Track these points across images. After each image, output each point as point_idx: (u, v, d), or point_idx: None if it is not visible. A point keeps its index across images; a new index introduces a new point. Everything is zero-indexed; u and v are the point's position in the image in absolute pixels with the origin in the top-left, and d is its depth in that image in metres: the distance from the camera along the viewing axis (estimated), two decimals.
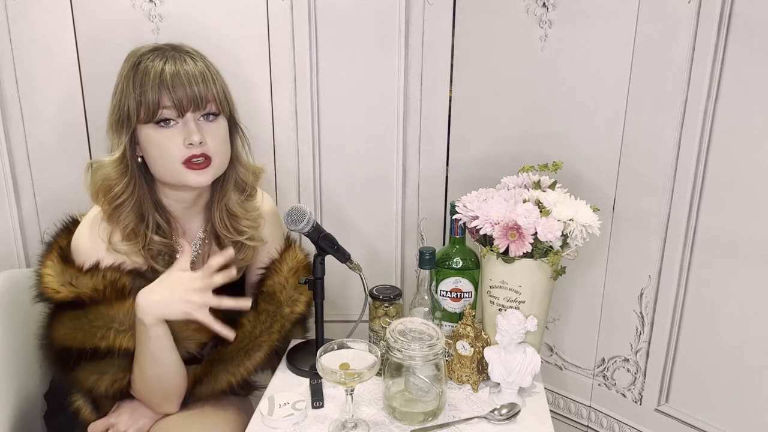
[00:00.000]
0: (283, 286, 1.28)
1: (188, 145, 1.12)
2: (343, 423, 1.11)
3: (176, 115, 1.11)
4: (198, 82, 1.11)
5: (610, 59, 1.29)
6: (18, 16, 1.38)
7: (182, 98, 1.10)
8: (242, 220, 1.25)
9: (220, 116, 1.17)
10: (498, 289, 1.22)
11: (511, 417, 1.13)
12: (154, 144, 1.12)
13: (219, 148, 1.16)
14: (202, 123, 1.14)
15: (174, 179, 1.15)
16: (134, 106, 1.10)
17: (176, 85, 1.10)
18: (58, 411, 1.26)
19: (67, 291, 1.12)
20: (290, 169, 1.56)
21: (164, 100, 1.10)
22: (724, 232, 1.21)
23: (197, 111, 1.13)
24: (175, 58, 1.12)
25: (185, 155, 1.12)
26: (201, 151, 1.13)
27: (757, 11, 1.10)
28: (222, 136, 1.17)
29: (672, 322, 1.31)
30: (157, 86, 1.09)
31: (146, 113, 1.10)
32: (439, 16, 1.48)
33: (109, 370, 1.15)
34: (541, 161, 1.27)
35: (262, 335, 1.25)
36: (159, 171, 1.15)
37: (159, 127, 1.12)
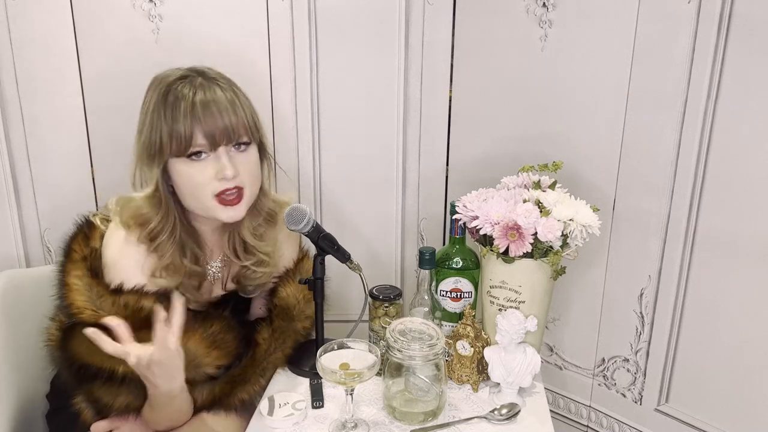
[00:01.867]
0: (297, 300, 1.28)
1: (221, 179, 1.09)
2: (343, 423, 1.11)
3: (209, 149, 1.09)
4: (230, 113, 1.09)
5: (610, 59, 1.29)
6: (18, 16, 1.38)
7: (214, 132, 1.07)
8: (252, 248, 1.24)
9: (251, 145, 1.14)
10: (498, 289, 1.22)
11: (511, 417, 1.13)
12: (185, 178, 1.10)
13: (251, 179, 1.14)
14: (233, 154, 1.11)
15: (205, 213, 1.13)
16: (166, 139, 1.07)
17: (207, 116, 1.07)
18: (59, 411, 1.26)
19: (88, 315, 1.10)
20: (290, 169, 1.56)
21: (197, 136, 1.07)
22: (724, 232, 1.21)
23: (229, 143, 1.10)
24: (204, 87, 1.09)
25: (217, 189, 1.10)
26: (234, 185, 1.11)
27: (757, 11, 1.10)
28: (253, 167, 1.15)
29: (672, 322, 1.31)
30: (190, 120, 1.06)
31: (178, 147, 1.07)
32: (439, 16, 1.48)
33: (123, 393, 1.13)
34: (541, 161, 1.27)
35: (276, 352, 1.25)
36: (190, 204, 1.13)
37: (191, 160, 1.09)
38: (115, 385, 1.12)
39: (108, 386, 1.12)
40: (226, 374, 1.21)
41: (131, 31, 1.41)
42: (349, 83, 1.52)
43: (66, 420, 1.23)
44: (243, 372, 1.22)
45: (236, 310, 1.27)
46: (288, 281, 1.30)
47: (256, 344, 1.24)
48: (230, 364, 1.21)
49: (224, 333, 1.18)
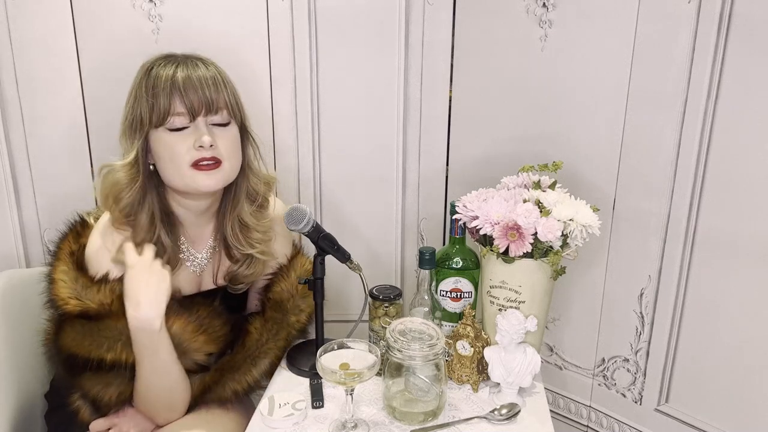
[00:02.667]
0: (291, 294, 1.28)
1: (198, 147, 1.12)
2: (343, 423, 1.11)
3: (188, 120, 1.12)
4: (209, 87, 1.12)
5: (610, 59, 1.29)
6: (18, 16, 1.38)
7: (194, 101, 1.11)
8: (253, 232, 1.25)
9: (232, 123, 1.17)
10: (498, 289, 1.22)
11: (511, 417, 1.13)
12: (164, 147, 1.12)
13: (230, 154, 1.16)
14: (213, 129, 1.14)
15: (183, 183, 1.14)
16: (147, 110, 1.11)
17: (188, 88, 1.10)
18: (58, 410, 1.26)
19: (74, 304, 1.12)
20: (290, 169, 1.56)
21: (176, 104, 1.10)
22: (724, 232, 1.21)
23: (208, 115, 1.13)
24: (187, 63, 1.13)
25: (194, 157, 1.12)
26: (211, 154, 1.13)
27: (757, 11, 1.10)
28: (233, 143, 1.17)
29: (672, 322, 1.31)
30: (169, 90, 1.10)
31: (158, 117, 1.11)
32: (439, 16, 1.48)
33: (114, 382, 1.15)
34: (541, 161, 1.27)
35: (268, 342, 1.25)
36: (169, 175, 1.15)
37: (171, 131, 1.12)
38: (104, 373, 1.13)
39: (98, 376, 1.14)
40: (216, 363, 1.22)
41: (131, 31, 1.41)
42: (349, 83, 1.52)
43: (64, 419, 1.24)
44: (233, 359, 1.23)
45: (229, 306, 1.27)
46: (282, 277, 1.30)
47: (248, 333, 1.25)
48: (220, 352, 1.22)
49: (211, 318, 1.20)
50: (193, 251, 1.25)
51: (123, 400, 1.17)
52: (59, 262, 1.17)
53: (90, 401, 1.19)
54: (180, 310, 1.16)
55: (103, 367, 1.13)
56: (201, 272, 1.26)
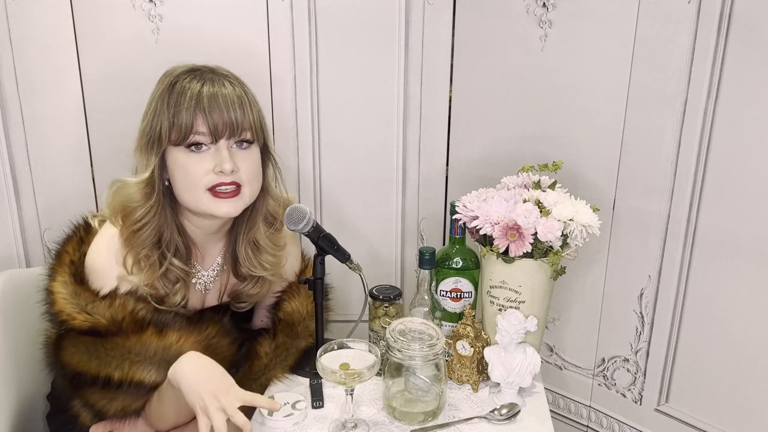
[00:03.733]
0: (302, 315, 1.26)
1: (218, 172, 1.06)
2: (343, 423, 1.11)
3: (209, 141, 1.07)
4: (236, 108, 1.07)
5: (610, 59, 1.29)
6: (18, 16, 1.38)
7: (218, 123, 1.05)
8: (265, 254, 1.21)
9: (254, 144, 1.12)
10: (498, 289, 1.22)
11: (511, 417, 1.13)
12: (181, 167, 1.08)
13: (251, 178, 1.11)
14: (235, 150, 1.09)
15: (197, 208, 1.10)
16: (167, 126, 1.06)
17: (213, 108, 1.05)
18: (60, 413, 1.26)
19: (83, 319, 1.08)
20: (290, 169, 1.56)
21: (198, 124, 1.05)
22: (724, 232, 1.21)
23: (231, 138, 1.08)
24: (213, 80, 1.07)
25: (212, 182, 1.07)
26: (231, 180, 1.08)
27: (757, 11, 1.10)
28: (255, 166, 1.12)
29: (672, 322, 1.31)
30: (193, 108, 1.05)
31: (178, 135, 1.06)
32: (439, 16, 1.48)
33: (119, 397, 1.11)
34: (541, 161, 1.27)
35: (275, 368, 1.23)
36: (183, 197, 1.10)
37: (190, 151, 1.07)
38: (111, 391, 1.10)
39: (103, 392, 1.11)
40: None
41: (131, 31, 1.41)
42: (349, 83, 1.52)
43: (66, 421, 1.23)
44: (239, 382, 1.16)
45: (236, 318, 1.25)
46: (293, 295, 1.27)
47: (257, 356, 1.22)
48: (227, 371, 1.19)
49: (219, 337, 1.16)
50: (200, 268, 1.21)
51: (126, 414, 1.13)
52: (58, 271, 1.12)
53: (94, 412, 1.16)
54: (189, 328, 1.12)
55: (110, 384, 1.09)
56: (206, 290, 1.24)
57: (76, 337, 1.09)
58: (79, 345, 1.09)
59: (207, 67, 1.11)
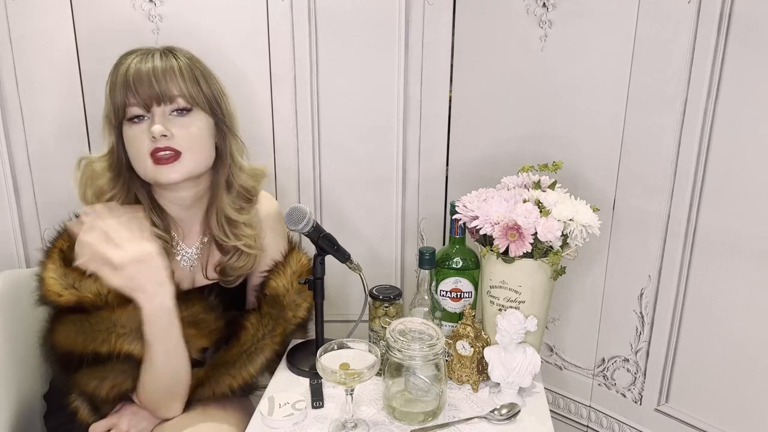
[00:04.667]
0: (287, 289, 1.28)
1: (151, 138, 1.11)
2: (343, 423, 1.11)
3: (143, 111, 1.12)
4: (160, 79, 1.11)
5: (610, 59, 1.29)
6: (18, 16, 1.38)
7: (144, 94, 1.11)
8: (240, 226, 1.24)
9: (195, 112, 1.15)
10: (498, 289, 1.22)
11: (511, 417, 1.13)
12: (129, 140, 1.14)
13: (191, 143, 1.14)
14: (172, 118, 1.13)
15: (146, 176, 1.15)
16: (111, 106, 1.13)
17: (137, 82, 1.10)
18: (57, 411, 1.26)
19: (69, 295, 1.12)
20: (290, 169, 1.56)
21: (129, 98, 1.11)
22: (724, 232, 1.21)
23: (162, 105, 1.12)
24: (148, 56, 1.13)
25: (149, 148, 1.12)
26: (165, 144, 1.11)
27: (757, 11, 1.10)
28: (195, 132, 1.14)
29: (672, 322, 1.31)
30: (122, 85, 1.11)
31: (118, 112, 1.12)
32: (439, 16, 1.48)
33: (109, 375, 1.14)
34: (541, 161, 1.27)
35: (264, 338, 1.25)
36: (136, 168, 1.15)
37: (132, 123, 1.13)
38: (99, 367, 1.12)
39: (93, 370, 1.13)
40: (211, 358, 1.22)
41: (131, 31, 1.41)
42: (349, 83, 1.52)
43: (63, 420, 1.24)
44: (227, 354, 1.22)
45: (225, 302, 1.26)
46: (278, 274, 1.29)
47: (243, 327, 1.24)
48: (214, 347, 1.22)
49: (205, 313, 1.19)
50: (184, 246, 1.25)
51: (119, 393, 1.16)
52: (49, 260, 1.16)
53: (87, 398, 1.19)
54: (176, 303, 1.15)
55: (98, 361, 1.12)
56: (192, 267, 1.26)
57: (65, 317, 1.13)
58: (67, 323, 1.12)
59: (147, 47, 1.16)
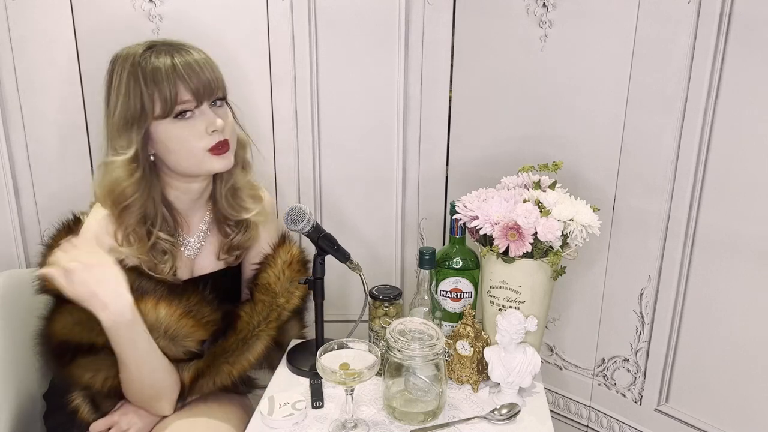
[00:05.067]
0: (278, 277, 1.29)
1: (212, 132, 1.13)
2: (343, 423, 1.11)
3: (194, 106, 1.13)
4: (207, 70, 1.14)
5: (610, 59, 1.29)
6: (18, 16, 1.38)
7: (199, 87, 1.12)
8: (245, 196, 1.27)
9: (225, 101, 1.19)
10: (498, 289, 1.22)
11: (511, 417, 1.13)
12: (174, 138, 1.13)
13: (232, 131, 1.19)
14: (215, 109, 1.16)
15: (198, 169, 1.16)
16: (148, 102, 1.10)
17: (191, 75, 1.11)
18: (57, 411, 1.26)
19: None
20: (290, 169, 1.56)
21: (182, 92, 1.11)
22: (724, 232, 1.21)
23: (211, 98, 1.14)
24: (179, 50, 1.13)
25: (211, 143, 1.14)
26: (224, 137, 1.15)
27: (757, 11, 1.10)
28: (232, 121, 1.20)
29: (672, 322, 1.31)
30: (174, 79, 1.10)
31: (164, 108, 1.10)
32: (439, 16, 1.48)
33: (103, 367, 1.15)
34: (541, 161, 1.27)
35: (260, 326, 1.25)
36: (183, 164, 1.16)
37: (177, 120, 1.12)
38: (93, 358, 1.14)
39: (87, 361, 1.14)
40: (209, 349, 1.22)
41: (131, 31, 1.41)
42: (349, 83, 1.52)
43: (63, 420, 1.24)
44: (225, 344, 1.23)
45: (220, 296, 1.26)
46: (269, 265, 1.30)
47: (238, 317, 1.25)
48: (212, 339, 1.22)
49: (201, 305, 1.20)
50: (187, 236, 1.25)
51: (113, 386, 1.17)
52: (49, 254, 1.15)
53: (83, 390, 1.19)
54: (169, 296, 1.16)
55: (93, 351, 1.13)
56: (195, 257, 1.27)
57: (63, 307, 1.13)
58: (65, 313, 1.13)
59: (158, 41, 1.16)
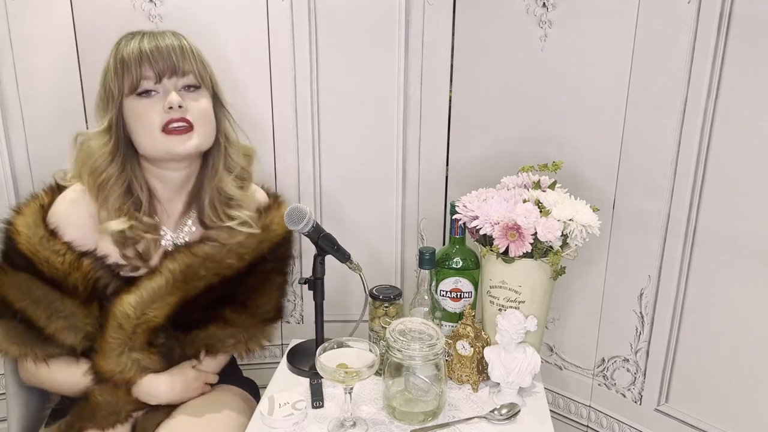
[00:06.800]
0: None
1: (168, 109, 1.13)
2: (342, 421, 1.11)
3: (155, 82, 1.13)
4: (177, 53, 1.14)
5: (610, 59, 1.29)
6: (18, 16, 1.38)
7: (161, 66, 1.13)
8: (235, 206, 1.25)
9: (202, 90, 1.18)
10: (498, 289, 1.22)
11: (511, 417, 1.13)
12: (135, 113, 1.14)
13: (202, 119, 1.17)
14: (183, 93, 1.16)
15: (155, 149, 1.15)
16: (119, 81, 1.13)
17: (156, 55, 1.13)
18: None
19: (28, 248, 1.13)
20: (290, 169, 1.56)
21: (145, 70, 1.13)
22: (724, 232, 1.21)
23: (174, 77, 1.15)
24: (154, 35, 1.15)
25: (164, 120, 1.13)
26: (180, 116, 1.14)
27: (757, 11, 1.10)
28: (204, 108, 1.18)
29: (672, 322, 1.31)
30: (137, 57, 1.12)
31: (129, 85, 1.13)
32: (439, 16, 1.48)
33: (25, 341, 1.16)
34: (541, 161, 1.27)
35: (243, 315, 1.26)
36: (142, 142, 1.16)
37: (141, 97, 1.14)
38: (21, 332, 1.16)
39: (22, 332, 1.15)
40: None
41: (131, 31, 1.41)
42: (349, 83, 1.52)
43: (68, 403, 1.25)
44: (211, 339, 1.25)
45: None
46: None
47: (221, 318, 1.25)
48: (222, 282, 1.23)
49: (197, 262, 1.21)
50: (167, 230, 1.24)
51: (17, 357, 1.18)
52: (26, 209, 1.16)
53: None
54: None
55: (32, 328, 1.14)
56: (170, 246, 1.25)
57: (13, 265, 1.14)
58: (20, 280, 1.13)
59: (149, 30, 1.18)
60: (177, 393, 1.22)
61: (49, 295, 1.13)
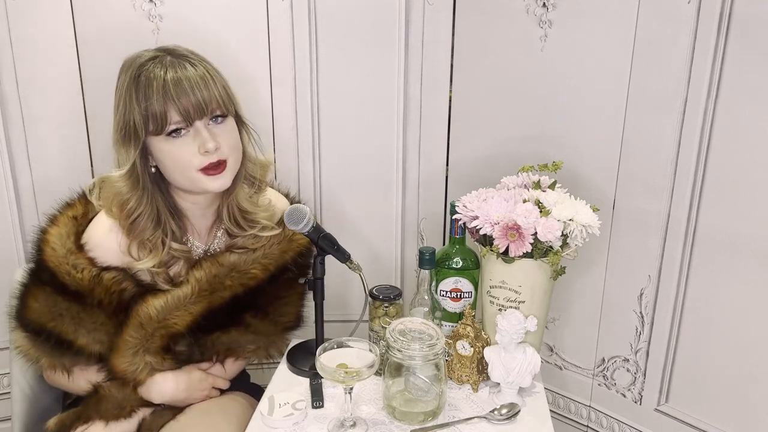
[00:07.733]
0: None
1: (204, 152, 1.10)
2: (342, 421, 1.11)
3: (185, 125, 1.10)
4: (201, 88, 1.09)
5: (610, 59, 1.29)
6: (18, 16, 1.38)
7: (188, 107, 1.08)
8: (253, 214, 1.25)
9: (228, 117, 1.15)
10: (498, 289, 1.22)
11: (511, 417, 1.13)
12: (167, 155, 1.11)
13: (232, 149, 1.15)
14: (212, 127, 1.12)
15: (192, 186, 1.14)
16: (141, 119, 1.08)
17: (180, 94, 1.08)
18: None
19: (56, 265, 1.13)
20: (290, 169, 1.56)
21: (171, 112, 1.08)
22: (724, 232, 1.21)
23: (204, 117, 1.11)
24: (175, 65, 1.10)
25: (202, 163, 1.11)
26: (217, 158, 1.12)
27: (757, 11, 1.10)
28: (233, 137, 1.16)
29: (672, 322, 1.31)
30: (162, 97, 1.07)
31: (155, 126, 1.08)
32: (439, 16, 1.48)
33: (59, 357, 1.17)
34: (541, 161, 1.27)
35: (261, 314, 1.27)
36: (178, 180, 1.14)
37: (170, 137, 1.10)
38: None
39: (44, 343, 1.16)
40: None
41: (131, 31, 1.41)
42: (349, 83, 1.52)
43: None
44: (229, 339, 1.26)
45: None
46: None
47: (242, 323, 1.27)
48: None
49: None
50: (199, 245, 1.25)
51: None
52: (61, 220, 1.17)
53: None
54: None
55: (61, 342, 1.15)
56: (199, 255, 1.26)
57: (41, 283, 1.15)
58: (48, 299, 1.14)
59: (165, 49, 1.14)
60: (181, 392, 1.22)
61: (72, 308, 1.13)
